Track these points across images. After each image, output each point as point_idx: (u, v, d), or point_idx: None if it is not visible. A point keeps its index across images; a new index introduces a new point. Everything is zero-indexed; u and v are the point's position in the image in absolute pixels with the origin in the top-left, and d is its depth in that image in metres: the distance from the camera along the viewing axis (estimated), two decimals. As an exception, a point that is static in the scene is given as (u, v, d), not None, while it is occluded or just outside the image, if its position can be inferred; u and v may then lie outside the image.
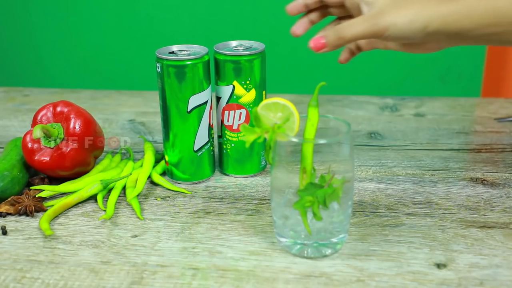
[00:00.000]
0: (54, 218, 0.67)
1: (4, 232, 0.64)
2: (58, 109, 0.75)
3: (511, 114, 0.98)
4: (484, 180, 0.74)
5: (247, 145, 0.56)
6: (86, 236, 0.64)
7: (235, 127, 0.74)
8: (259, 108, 0.57)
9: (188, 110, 0.71)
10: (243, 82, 0.71)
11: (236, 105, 0.73)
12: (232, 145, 0.75)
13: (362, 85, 1.27)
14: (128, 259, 0.59)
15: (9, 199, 0.69)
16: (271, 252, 0.60)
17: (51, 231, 0.63)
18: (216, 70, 0.73)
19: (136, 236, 0.64)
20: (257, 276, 0.56)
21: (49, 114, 0.75)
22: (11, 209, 0.68)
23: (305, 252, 0.59)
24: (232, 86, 0.72)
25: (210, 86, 0.72)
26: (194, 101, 0.71)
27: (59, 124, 0.74)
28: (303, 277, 0.56)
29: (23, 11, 1.29)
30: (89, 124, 0.75)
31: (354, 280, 0.55)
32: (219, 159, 0.79)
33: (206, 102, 0.72)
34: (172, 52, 0.71)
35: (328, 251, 0.59)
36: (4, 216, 0.68)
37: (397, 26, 0.58)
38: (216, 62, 0.72)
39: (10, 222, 0.67)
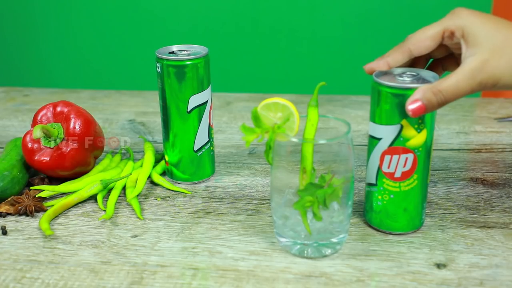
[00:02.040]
0: (54, 218, 0.67)
1: (4, 232, 0.64)
2: (58, 109, 0.75)
3: (510, 114, 0.98)
4: (484, 180, 0.74)
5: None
6: (86, 236, 0.64)
7: (397, 175, 0.59)
8: (259, 108, 0.57)
9: (188, 110, 0.71)
10: (414, 121, 0.57)
11: (402, 149, 0.58)
12: (391, 196, 0.61)
13: (362, 85, 1.27)
14: (128, 259, 0.59)
15: (9, 199, 0.69)
16: (271, 252, 0.60)
17: (51, 231, 0.63)
18: (377, 104, 0.59)
19: (136, 236, 0.64)
20: (257, 276, 0.56)
21: (49, 114, 0.75)
22: (11, 209, 0.68)
23: (305, 252, 0.59)
24: (399, 126, 0.58)
25: (210, 86, 0.73)
26: (194, 101, 0.71)
27: (59, 124, 0.74)
28: (303, 277, 0.56)
29: (23, 11, 1.29)
30: (89, 124, 0.75)
31: (354, 280, 0.56)
32: (364, 209, 0.65)
33: (206, 102, 0.72)
34: (172, 52, 0.71)
35: (328, 251, 0.59)
36: (4, 216, 0.68)
37: (504, 80, 0.53)
38: (376, 94, 0.58)
39: (10, 222, 0.67)
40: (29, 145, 0.73)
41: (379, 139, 0.59)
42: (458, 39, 0.56)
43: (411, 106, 0.55)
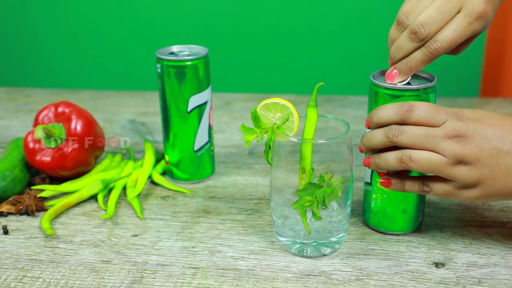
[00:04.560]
0: (55, 218, 0.68)
1: (6, 232, 0.65)
2: (60, 109, 0.75)
3: (508, 114, 0.98)
4: (483, 179, 0.75)
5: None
6: (87, 236, 0.64)
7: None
8: (259, 108, 0.58)
9: (188, 110, 0.71)
10: None
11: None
12: (384, 196, 0.61)
13: (361, 85, 1.28)
14: (129, 258, 0.60)
15: (10, 198, 0.69)
16: (271, 251, 0.61)
17: (52, 230, 0.64)
18: (374, 105, 0.59)
19: (136, 235, 0.64)
20: (256, 275, 0.57)
21: (51, 115, 0.75)
22: (12, 209, 0.68)
23: (305, 251, 0.59)
24: None
25: (210, 87, 0.73)
26: (194, 101, 0.71)
27: (61, 124, 0.74)
28: (303, 276, 0.56)
29: (24, 12, 1.30)
30: (90, 125, 0.75)
31: (353, 279, 0.56)
32: (362, 209, 0.65)
33: (206, 103, 0.72)
34: (172, 53, 0.72)
35: (327, 250, 0.60)
36: (6, 216, 0.68)
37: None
38: (374, 95, 0.59)
39: (12, 222, 0.67)
40: (31, 145, 0.74)
41: None
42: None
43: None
